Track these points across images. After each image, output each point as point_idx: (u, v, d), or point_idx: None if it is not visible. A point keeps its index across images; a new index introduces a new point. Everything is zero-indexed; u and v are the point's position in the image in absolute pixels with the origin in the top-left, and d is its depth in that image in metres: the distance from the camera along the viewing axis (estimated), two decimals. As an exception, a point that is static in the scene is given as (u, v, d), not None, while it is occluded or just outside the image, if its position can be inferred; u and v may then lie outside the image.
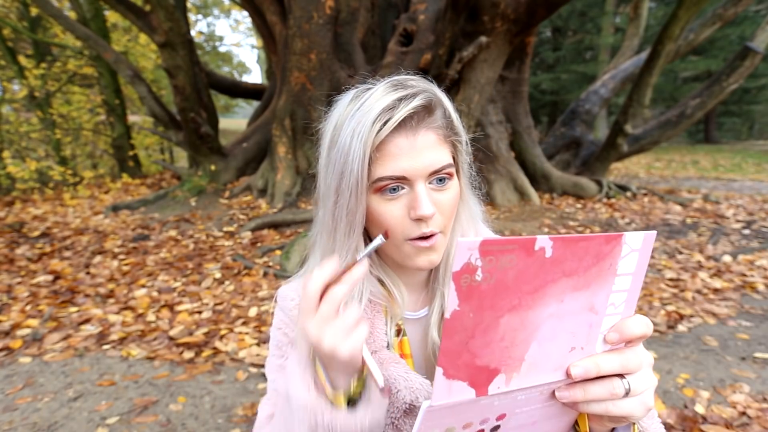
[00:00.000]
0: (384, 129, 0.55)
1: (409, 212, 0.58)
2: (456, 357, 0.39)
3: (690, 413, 1.93)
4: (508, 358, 0.41)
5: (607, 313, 0.43)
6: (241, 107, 19.25)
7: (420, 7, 5.76)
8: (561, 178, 6.71)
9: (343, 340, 0.49)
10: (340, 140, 0.57)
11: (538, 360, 0.42)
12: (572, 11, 15.98)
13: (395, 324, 0.67)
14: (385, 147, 0.56)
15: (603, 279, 0.42)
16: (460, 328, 0.38)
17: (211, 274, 3.66)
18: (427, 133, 0.57)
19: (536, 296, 0.39)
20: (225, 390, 2.20)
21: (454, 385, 0.39)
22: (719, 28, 6.86)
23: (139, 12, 5.77)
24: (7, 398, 2.13)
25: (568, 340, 0.43)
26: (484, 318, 0.38)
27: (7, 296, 3.29)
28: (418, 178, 0.57)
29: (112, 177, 9.07)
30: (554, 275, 0.39)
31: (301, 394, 0.52)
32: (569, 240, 0.38)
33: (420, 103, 0.56)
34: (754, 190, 7.48)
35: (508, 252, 0.36)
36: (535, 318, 0.40)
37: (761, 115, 19.76)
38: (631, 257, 0.42)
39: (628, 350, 0.45)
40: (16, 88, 8.53)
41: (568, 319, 0.42)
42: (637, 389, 0.44)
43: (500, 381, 0.41)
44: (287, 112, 5.82)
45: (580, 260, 0.40)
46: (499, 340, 0.40)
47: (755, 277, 3.41)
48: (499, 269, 0.37)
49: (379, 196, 0.58)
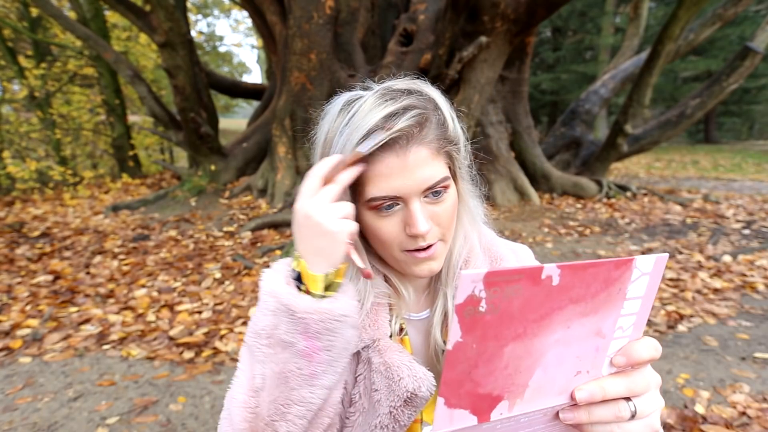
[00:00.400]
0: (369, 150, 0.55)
1: (405, 228, 0.58)
2: (458, 387, 0.38)
3: (690, 413, 1.93)
4: (511, 385, 0.40)
5: (615, 337, 0.43)
6: (241, 107, 19.25)
7: (420, 7, 5.76)
8: (561, 178, 6.70)
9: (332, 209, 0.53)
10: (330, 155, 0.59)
11: (542, 385, 0.41)
12: (572, 11, 15.98)
13: (399, 322, 0.67)
14: (375, 167, 0.55)
15: (612, 304, 0.41)
16: (462, 359, 0.37)
17: (211, 274, 3.66)
18: (419, 149, 0.55)
19: (542, 324, 0.39)
20: (225, 390, 2.19)
21: (455, 414, 0.39)
22: (719, 28, 6.86)
23: (139, 12, 5.77)
24: (7, 398, 2.13)
25: (573, 365, 0.42)
26: (488, 348, 0.38)
27: (7, 296, 3.29)
28: (411, 196, 0.56)
29: (112, 177, 9.08)
30: (561, 302, 0.38)
31: (272, 283, 0.55)
32: (577, 267, 0.37)
33: (409, 123, 0.54)
34: (754, 190, 7.48)
35: (513, 282, 0.36)
36: (540, 345, 0.40)
37: (761, 115, 19.76)
38: (641, 281, 0.41)
39: (635, 372, 0.44)
40: (16, 88, 8.53)
41: (575, 345, 0.41)
42: (644, 412, 0.43)
43: (503, 407, 0.41)
44: (287, 112, 5.82)
45: (588, 286, 0.39)
46: (503, 368, 0.39)
47: (755, 277, 3.41)
48: (504, 299, 0.36)
49: (374, 213, 0.58)
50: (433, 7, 5.71)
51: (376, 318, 0.64)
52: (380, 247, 0.61)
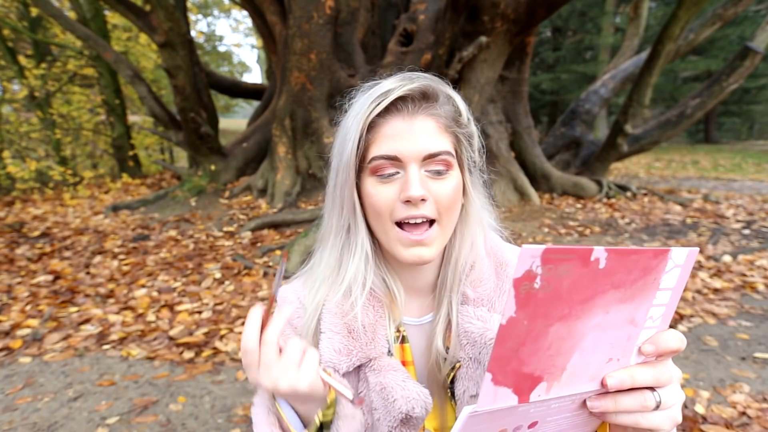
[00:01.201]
0: (377, 108, 0.57)
1: (400, 194, 0.58)
2: (506, 363, 0.39)
3: (690, 413, 1.93)
4: (551, 367, 0.41)
5: (645, 326, 0.44)
6: (241, 107, 19.23)
7: (420, 7, 5.76)
8: (561, 178, 6.70)
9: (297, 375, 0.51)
10: (344, 125, 0.61)
11: (577, 369, 0.42)
12: (572, 11, 15.98)
13: (395, 326, 0.66)
14: (382, 128, 0.58)
15: (646, 292, 0.42)
16: (513, 335, 0.38)
17: (211, 274, 3.66)
18: (426, 119, 0.58)
19: (585, 307, 0.40)
20: (225, 390, 2.20)
21: (500, 392, 0.40)
22: (719, 28, 6.86)
23: (139, 12, 5.77)
24: (7, 398, 2.13)
25: (606, 351, 0.43)
26: (536, 326, 0.38)
27: (7, 296, 3.29)
28: (411, 161, 0.57)
29: (112, 177, 9.08)
30: (604, 286, 0.40)
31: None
32: (623, 252, 0.39)
33: (416, 86, 0.57)
34: (754, 190, 7.48)
35: (566, 261, 0.36)
36: (581, 328, 0.41)
37: (761, 115, 19.76)
38: (673, 272, 0.42)
39: (660, 364, 0.45)
40: (16, 88, 8.53)
41: (610, 331, 0.42)
42: (667, 403, 0.45)
43: (542, 389, 0.42)
44: (287, 112, 5.82)
45: (629, 273, 0.40)
46: (546, 348, 0.40)
47: (755, 277, 3.41)
48: (556, 278, 0.37)
49: (374, 178, 0.59)
50: (433, 7, 5.70)
51: (374, 335, 0.63)
52: (375, 218, 0.61)
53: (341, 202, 0.62)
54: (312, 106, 5.67)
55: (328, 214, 0.66)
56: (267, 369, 0.51)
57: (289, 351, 0.51)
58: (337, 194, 0.62)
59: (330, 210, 0.65)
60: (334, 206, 0.63)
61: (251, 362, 0.51)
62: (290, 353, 0.51)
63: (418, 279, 0.68)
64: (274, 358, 0.51)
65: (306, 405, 0.54)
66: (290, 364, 0.51)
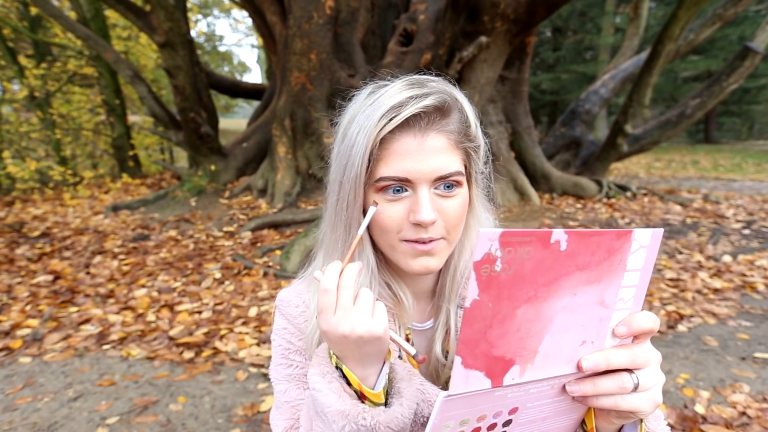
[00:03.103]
0: (389, 125, 0.53)
1: (409, 215, 0.56)
2: (474, 346, 0.39)
3: (690, 413, 1.93)
4: (522, 350, 0.42)
5: (617, 308, 0.45)
6: (241, 107, 19.23)
7: (420, 7, 5.76)
8: (561, 178, 6.70)
9: (371, 321, 0.49)
10: (349, 134, 0.57)
11: (551, 352, 0.43)
12: (572, 11, 15.98)
13: (404, 332, 0.66)
14: (391, 146, 0.55)
15: (613, 274, 0.43)
16: (479, 317, 0.39)
17: (211, 274, 3.66)
18: (438, 136, 0.55)
19: (551, 288, 0.41)
20: (225, 390, 2.20)
21: (471, 375, 0.40)
22: (719, 28, 6.86)
23: (139, 12, 5.77)
24: (7, 398, 2.13)
25: (579, 334, 0.44)
26: (502, 308, 0.39)
27: (7, 296, 3.29)
28: (422, 182, 0.55)
29: (112, 177, 9.07)
30: (568, 268, 0.40)
31: (335, 403, 0.51)
32: (583, 234, 0.40)
33: (431, 103, 0.54)
34: (754, 190, 7.48)
35: (526, 244, 0.38)
36: (549, 310, 0.41)
37: (761, 115, 19.76)
38: (639, 253, 0.43)
39: (636, 346, 0.46)
40: (16, 88, 8.53)
41: (580, 312, 0.43)
42: (646, 384, 0.45)
43: (515, 372, 0.42)
44: (287, 112, 5.82)
45: (592, 254, 0.41)
46: (515, 330, 0.41)
47: (755, 277, 3.41)
48: (517, 260, 0.38)
49: (381, 195, 0.57)
50: (433, 7, 5.70)
51: None
52: (380, 234, 0.59)
53: (347, 220, 0.59)
54: (312, 106, 5.67)
55: (330, 228, 0.63)
56: (345, 313, 0.49)
57: (363, 298, 0.50)
58: (342, 211, 0.59)
59: (333, 224, 0.62)
60: (338, 222, 0.60)
61: (329, 304, 0.49)
62: (365, 301, 0.50)
63: (418, 285, 0.68)
64: (351, 302, 0.50)
65: (367, 367, 0.52)
66: (365, 310, 0.49)
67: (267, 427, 1.92)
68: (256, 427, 1.94)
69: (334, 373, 0.54)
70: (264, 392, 2.17)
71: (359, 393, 0.53)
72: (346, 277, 0.50)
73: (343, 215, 0.59)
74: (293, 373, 0.67)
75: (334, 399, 0.51)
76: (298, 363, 0.67)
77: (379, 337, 0.49)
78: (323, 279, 0.51)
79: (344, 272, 0.51)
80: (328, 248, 0.64)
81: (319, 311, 0.51)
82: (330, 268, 0.51)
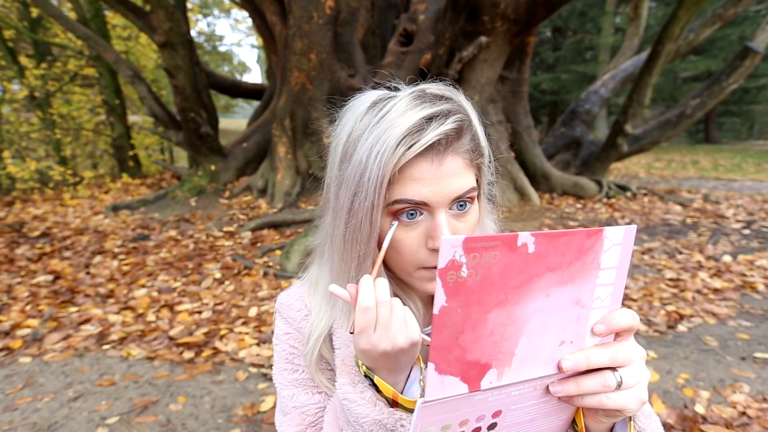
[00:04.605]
0: (408, 152, 0.50)
1: (427, 241, 0.54)
2: (446, 352, 0.39)
3: (690, 413, 1.93)
4: (498, 353, 0.41)
5: (594, 307, 0.44)
6: (241, 107, 19.22)
7: (420, 7, 5.76)
8: (561, 178, 6.70)
9: (407, 330, 0.48)
10: (356, 156, 0.52)
11: (528, 354, 0.43)
12: (572, 11, 15.97)
13: None
14: (407, 170, 0.52)
15: (587, 273, 0.43)
16: (449, 324, 0.38)
17: (211, 274, 3.66)
18: (455, 158, 0.53)
19: (522, 291, 0.40)
20: (225, 390, 2.20)
21: (446, 380, 0.40)
22: (719, 28, 6.85)
23: (139, 12, 5.77)
24: (7, 398, 2.13)
25: (557, 334, 0.44)
26: (472, 313, 0.39)
27: (7, 296, 3.29)
28: (440, 206, 0.53)
29: (112, 177, 9.07)
30: (538, 270, 0.40)
31: (371, 413, 0.51)
32: (551, 236, 0.39)
33: (452, 127, 0.51)
34: (754, 190, 7.48)
35: (491, 248, 0.37)
36: (522, 313, 0.41)
37: (761, 115, 19.75)
38: (613, 251, 0.43)
39: (618, 343, 0.46)
40: (16, 88, 8.52)
41: (556, 313, 0.43)
42: (629, 382, 0.45)
43: (492, 376, 0.42)
44: (287, 112, 5.82)
45: (563, 255, 0.41)
46: (489, 335, 0.40)
47: (755, 277, 3.41)
48: (484, 265, 0.38)
49: (394, 220, 0.54)
50: (433, 7, 5.70)
51: None
52: (395, 258, 0.57)
53: (362, 250, 0.56)
54: (312, 106, 5.67)
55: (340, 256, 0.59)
56: (386, 328, 0.48)
57: (396, 309, 0.49)
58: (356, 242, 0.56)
59: (343, 253, 0.58)
60: (351, 251, 0.57)
61: (369, 322, 0.48)
62: (398, 310, 0.49)
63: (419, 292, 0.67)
64: (389, 316, 0.48)
65: (399, 374, 0.51)
66: (402, 321, 0.48)
67: (267, 427, 1.92)
68: (256, 427, 1.94)
69: (365, 382, 0.53)
70: (264, 392, 2.17)
71: (391, 401, 0.52)
72: (381, 292, 0.49)
73: (357, 246, 0.56)
74: (300, 378, 0.66)
75: (369, 409, 0.51)
76: (304, 368, 0.67)
77: (416, 342, 0.49)
78: (361, 297, 0.48)
79: (377, 288, 0.49)
80: (338, 275, 0.61)
81: (359, 331, 0.48)
82: (366, 285, 0.49)
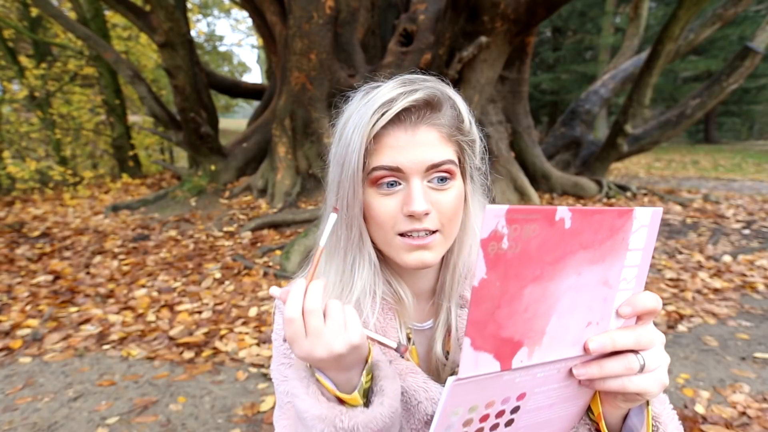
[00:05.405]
0: (381, 120, 0.54)
1: (403, 208, 0.57)
2: (483, 327, 0.39)
3: (690, 413, 1.93)
4: (530, 330, 0.41)
5: (620, 288, 0.45)
6: (241, 107, 19.23)
7: (420, 7, 5.76)
8: (561, 178, 6.70)
9: (347, 334, 0.49)
10: (345, 135, 0.58)
11: (557, 333, 0.43)
12: (572, 11, 15.98)
13: (405, 331, 0.66)
14: (384, 139, 0.56)
15: (616, 253, 0.43)
16: (487, 297, 0.38)
17: (211, 274, 3.66)
18: (429, 129, 0.57)
19: (557, 267, 0.40)
20: (225, 390, 2.20)
21: (480, 357, 0.40)
22: (719, 28, 6.85)
23: (139, 12, 5.77)
24: (7, 398, 2.13)
25: (584, 315, 0.44)
26: (509, 287, 0.39)
27: (7, 296, 3.29)
28: (414, 173, 0.56)
29: (112, 177, 9.07)
30: (572, 247, 0.40)
31: (312, 407, 0.51)
32: (586, 212, 0.40)
33: (421, 96, 0.55)
34: (754, 190, 7.48)
35: (531, 221, 0.37)
36: (555, 290, 0.41)
37: (761, 115, 19.76)
38: (641, 232, 0.43)
39: (640, 327, 0.46)
40: (16, 88, 8.52)
41: (585, 293, 0.43)
42: (651, 365, 0.45)
43: (523, 354, 0.42)
44: (287, 112, 5.82)
45: (596, 233, 0.41)
46: (523, 311, 0.40)
47: (755, 277, 3.41)
48: (524, 238, 0.37)
49: (375, 189, 0.58)
50: (433, 7, 5.70)
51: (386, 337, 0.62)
52: (376, 230, 0.60)
53: (348, 219, 0.60)
54: (312, 106, 5.67)
55: None
56: (317, 337, 0.48)
57: (332, 313, 0.49)
58: (343, 210, 0.60)
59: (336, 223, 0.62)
60: (338, 221, 0.61)
61: (297, 332, 0.48)
62: (334, 315, 0.49)
63: (417, 284, 0.68)
64: (321, 324, 0.49)
65: (349, 372, 0.52)
66: (338, 326, 0.49)
67: (267, 427, 1.92)
68: (256, 427, 1.94)
69: (311, 378, 0.54)
70: (264, 392, 2.17)
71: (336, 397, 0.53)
72: (310, 300, 0.49)
73: (344, 214, 0.60)
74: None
75: (311, 404, 0.52)
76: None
77: (358, 345, 0.49)
78: (286, 308, 0.48)
79: (308, 294, 0.49)
80: (329, 248, 0.64)
81: (289, 341, 0.49)
82: (293, 294, 0.49)
